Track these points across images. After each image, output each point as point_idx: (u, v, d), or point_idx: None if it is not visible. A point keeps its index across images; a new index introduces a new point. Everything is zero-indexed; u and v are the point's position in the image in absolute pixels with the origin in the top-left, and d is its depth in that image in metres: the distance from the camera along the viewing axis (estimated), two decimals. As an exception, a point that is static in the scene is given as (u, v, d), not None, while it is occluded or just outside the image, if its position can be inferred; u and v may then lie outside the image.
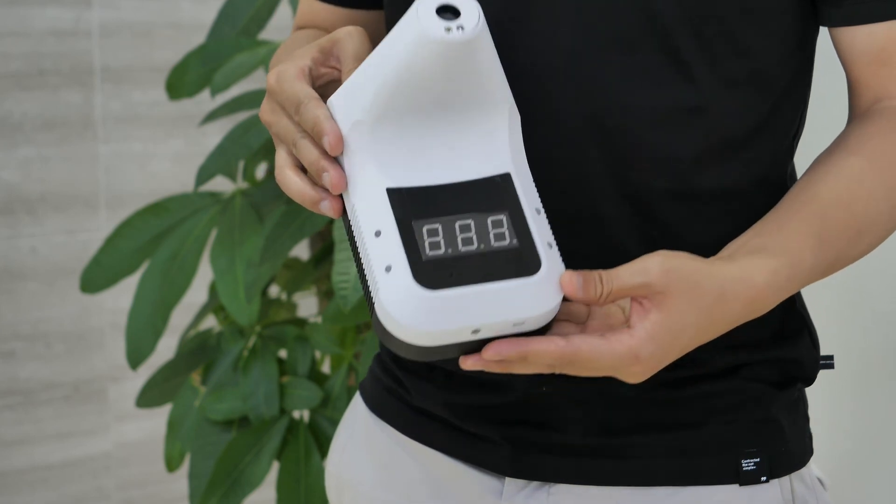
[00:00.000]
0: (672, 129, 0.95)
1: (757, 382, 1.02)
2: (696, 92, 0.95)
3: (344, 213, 0.89)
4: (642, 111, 0.95)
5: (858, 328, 2.12)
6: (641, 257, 0.85)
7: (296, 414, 1.87)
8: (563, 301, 0.86)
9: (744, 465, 1.00)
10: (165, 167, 2.54)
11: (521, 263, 0.83)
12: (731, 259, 0.89)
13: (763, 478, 1.00)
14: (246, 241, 1.83)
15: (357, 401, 1.16)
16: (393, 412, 1.11)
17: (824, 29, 1.01)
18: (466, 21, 0.83)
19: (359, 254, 0.87)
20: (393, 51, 0.85)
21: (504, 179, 0.87)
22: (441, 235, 0.84)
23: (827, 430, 1.92)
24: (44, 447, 2.49)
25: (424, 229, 0.84)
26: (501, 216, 0.85)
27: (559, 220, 0.91)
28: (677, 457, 1.00)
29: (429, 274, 0.82)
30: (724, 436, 1.01)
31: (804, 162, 0.99)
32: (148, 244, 1.90)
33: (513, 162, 0.88)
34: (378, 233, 0.84)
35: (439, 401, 1.06)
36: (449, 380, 1.05)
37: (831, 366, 1.07)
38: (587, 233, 0.93)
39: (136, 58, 2.49)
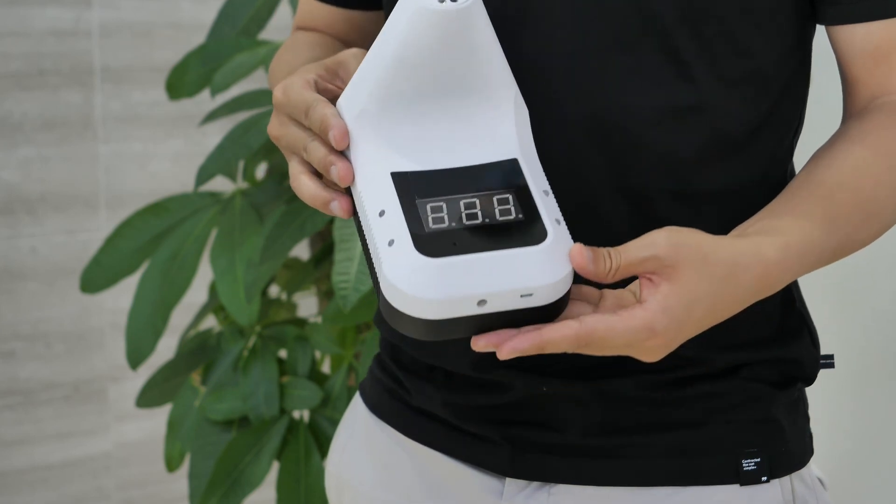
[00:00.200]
0: (672, 129, 0.95)
1: (757, 382, 1.02)
2: (696, 91, 0.95)
3: (355, 214, 0.88)
4: (642, 111, 0.95)
5: (858, 328, 2.12)
6: (649, 233, 0.85)
7: (296, 414, 1.87)
8: (574, 284, 0.85)
9: (744, 465, 1.00)
10: (165, 167, 2.54)
11: (527, 233, 0.82)
12: (742, 236, 0.89)
13: (763, 478, 1.00)
14: (246, 241, 1.83)
15: (357, 401, 1.16)
16: (393, 412, 1.11)
17: (822, 28, 1.01)
18: None
19: (366, 241, 0.86)
20: (390, 33, 0.87)
21: (511, 164, 0.86)
22: (445, 212, 0.83)
23: (827, 430, 1.92)
24: (44, 447, 2.49)
25: (428, 206, 0.83)
26: (507, 195, 0.84)
27: None
28: (677, 457, 1.00)
29: (431, 244, 0.81)
30: (725, 436, 1.00)
31: (804, 160, 0.99)
32: (148, 244, 1.89)
33: (520, 149, 0.87)
34: (382, 212, 0.84)
35: (439, 401, 1.06)
36: (449, 380, 1.05)
37: (831, 365, 1.07)
38: (587, 232, 0.93)
39: (136, 58, 2.49)
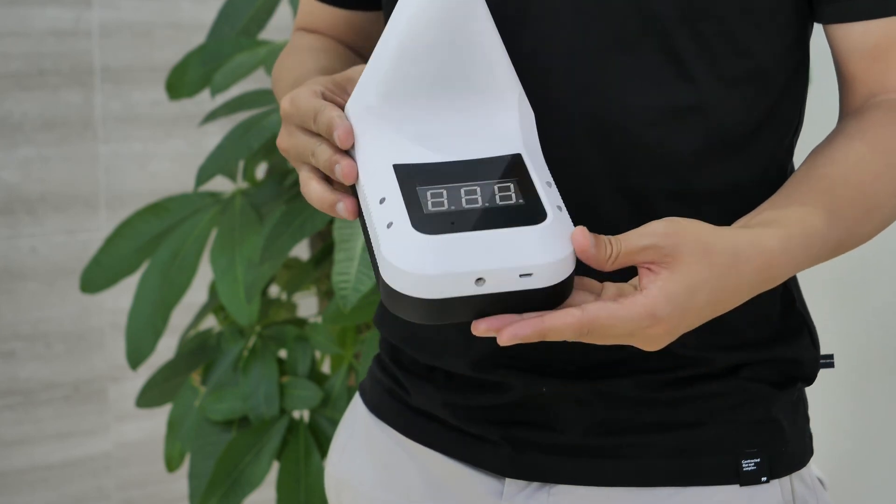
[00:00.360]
0: (671, 129, 0.95)
1: (757, 382, 1.01)
2: (695, 91, 0.95)
3: (360, 213, 0.89)
4: (642, 110, 0.95)
5: (858, 327, 2.12)
6: (649, 223, 0.85)
7: (296, 414, 1.87)
8: (577, 276, 0.85)
9: (744, 466, 1.00)
10: (165, 167, 2.54)
11: (526, 214, 0.82)
12: (744, 227, 0.89)
13: (763, 478, 1.00)
14: (246, 241, 1.83)
15: (357, 401, 1.16)
16: (393, 413, 1.11)
17: (821, 28, 1.01)
18: None
19: (368, 233, 0.86)
20: (393, 28, 0.88)
21: (515, 158, 0.86)
22: (445, 197, 0.83)
23: (827, 430, 1.92)
24: (44, 447, 2.49)
25: (428, 192, 0.83)
26: (509, 183, 0.84)
27: None
28: (677, 457, 1.00)
29: (429, 223, 0.81)
30: (725, 436, 1.00)
31: (803, 159, 0.99)
32: (148, 244, 1.89)
33: (524, 145, 0.88)
34: (382, 200, 0.84)
35: (439, 401, 1.06)
36: (449, 380, 1.05)
37: (831, 365, 1.07)
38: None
39: (136, 58, 2.49)
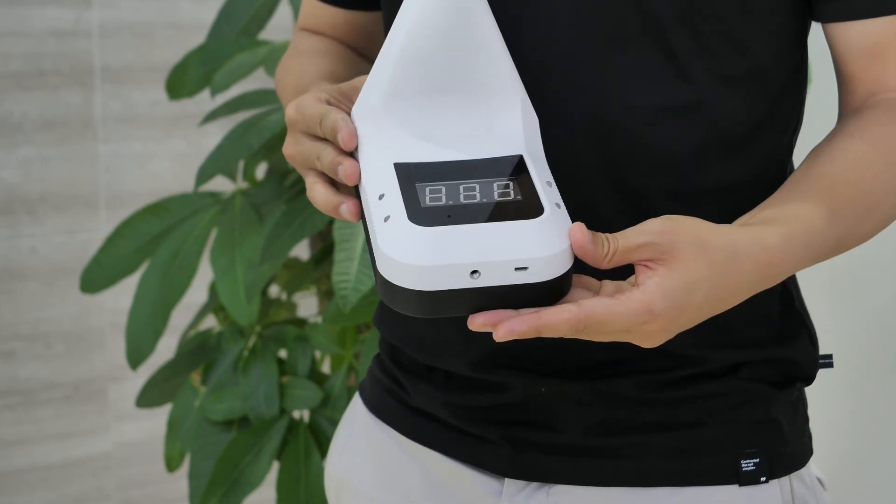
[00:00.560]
0: (670, 128, 0.95)
1: (756, 382, 1.02)
2: (695, 90, 0.95)
3: (363, 216, 0.89)
4: (639, 109, 0.95)
5: (857, 327, 2.12)
6: (646, 220, 0.85)
7: (296, 414, 1.87)
8: (574, 274, 0.85)
9: (743, 466, 1.00)
10: (165, 167, 2.54)
11: (523, 209, 0.82)
12: (744, 225, 0.89)
13: (762, 478, 1.00)
14: (246, 241, 1.83)
15: (356, 401, 1.16)
16: (392, 413, 1.11)
17: (820, 28, 1.01)
18: None
19: (367, 230, 0.86)
20: (397, 30, 0.88)
21: (516, 159, 0.86)
22: (443, 192, 0.83)
23: (826, 430, 1.92)
24: (44, 447, 2.49)
25: (427, 188, 0.84)
26: (508, 181, 0.84)
27: None
28: (677, 457, 1.00)
29: (425, 215, 0.81)
30: (724, 436, 1.01)
31: (800, 159, 0.99)
32: (148, 244, 1.89)
33: (526, 147, 0.88)
34: (381, 196, 0.84)
35: (438, 401, 1.06)
36: (448, 380, 1.05)
37: (830, 365, 1.07)
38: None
39: (136, 58, 2.49)
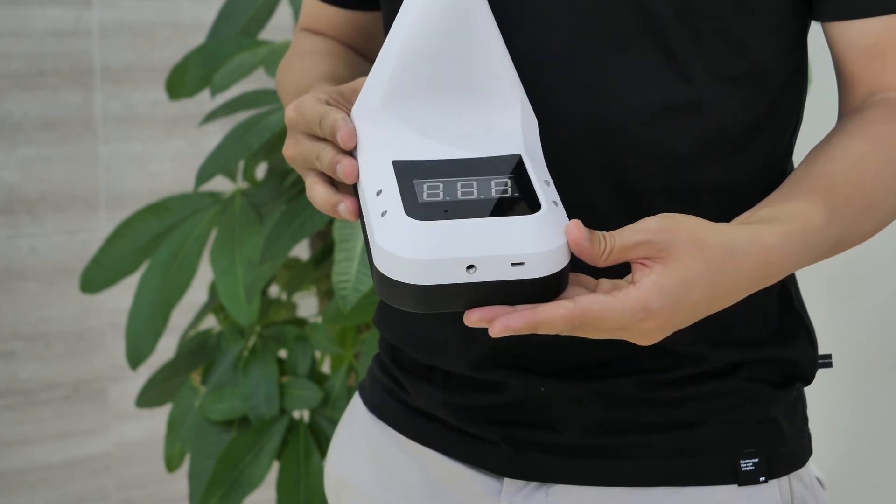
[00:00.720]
0: (669, 127, 0.95)
1: (756, 382, 1.02)
2: (694, 90, 0.95)
3: (361, 215, 0.89)
4: (639, 109, 0.95)
5: (857, 327, 2.12)
6: (643, 219, 0.85)
7: (296, 414, 1.87)
8: (571, 272, 0.85)
9: (742, 466, 1.00)
10: (165, 167, 2.54)
11: (520, 205, 0.82)
12: (742, 224, 0.89)
13: (762, 478, 1.00)
14: (246, 241, 1.83)
15: (356, 401, 1.16)
16: (392, 413, 1.11)
17: (820, 28, 1.01)
18: None
19: (365, 228, 0.87)
20: (397, 29, 0.89)
21: (514, 158, 0.87)
22: (440, 188, 0.84)
23: (826, 430, 1.92)
24: (44, 447, 2.49)
25: (424, 185, 0.84)
26: (506, 179, 0.85)
27: None
28: (676, 457, 1.00)
29: (422, 210, 0.82)
30: (723, 436, 1.01)
31: (800, 159, 0.99)
32: (148, 244, 1.90)
33: (525, 147, 0.88)
34: (379, 192, 0.84)
35: (438, 401, 1.06)
36: (448, 380, 1.05)
37: (829, 365, 1.07)
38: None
39: (136, 58, 2.49)
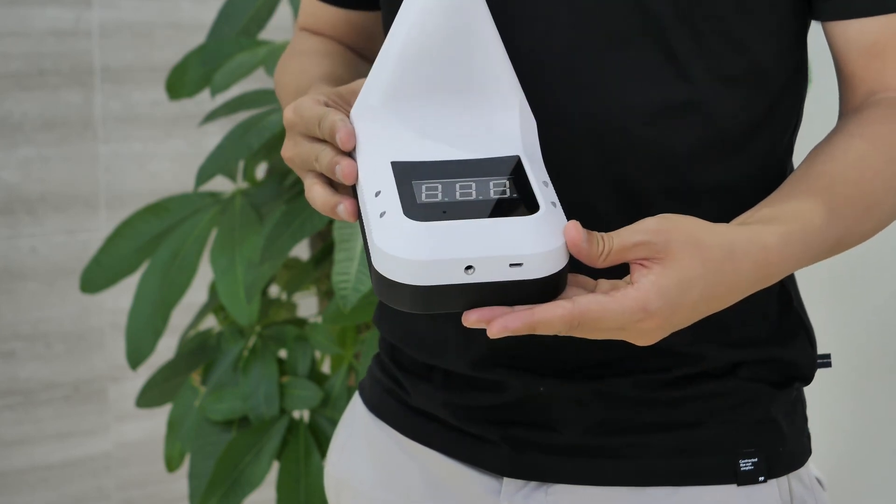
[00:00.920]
0: (669, 127, 0.95)
1: (755, 382, 1.02)
2: (693, 89, 0.95)
3: (360, 215, 0.89)
4: (639, 109, 0.95)
5: (856, 327, 2.12)
6: (642, 220, 0.85)
7: (296, 414, 1.87)
8: (570, 273, 0.85)
9: (742, 465, 1.00)
10: (165, 167, 2.55)
11: (519, 206, 0.83)
12: (742, 224, 0.89)
13: (761, 478, 1.00)
14: (246, 241, 1.83)
15: (356, 401, 1.16)
16: (392, 412, 1.11)
17: (820, 28, 1.02)
18: None
19: (363, 227, 0.87)
20: (397, 30, 0.89)
21: (513, 160, 0.87)
22: (439, 189, 0.84)
23: (825, 430, 1.92)
24: (44, 447, 2.49)
25: (423, 186, 0.84)
26: (504, 180, 0.85)
27: None
28: (675, 457, 1.00)
29: (420, 211, 0.82)
30: (722, 436, 1.01)
31: (800, 159, 0.99)
32: (148, 244, 1.90)
33: (523, 148, 0.88)
34: (378, 193, 0.84)
35: (438, 401, 1.06)
36: (448, 380, 1.05)
37: (829, 364, 1.07)
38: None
39: (136, 58, 2.49)
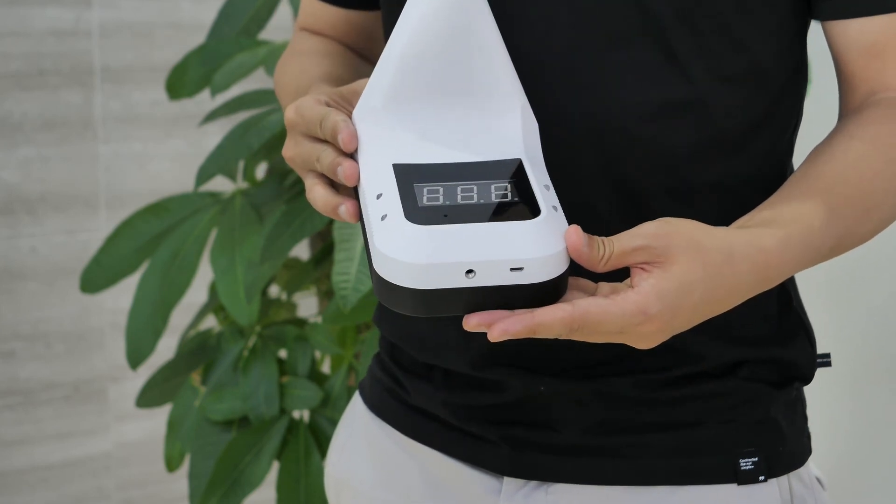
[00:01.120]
0: (669, 126, 0.95)
1: (755, 382, 1.02)
2: (693, 88, 0.95)
3: (361, 217, 0.89)
4: (639, 108, 0.95)
5: (856, 327, 2.12)
6: (641, 224, 0.85)
7: (296, 414, 1.87)
8: (571, 276, 0.85)
9: (742, 465, 1.00)
10: (165, 167, 2.55)
11: (520, 210, 0.83)
12: (741, 227, 0.89)
13: (761, 477, 1.00)
14: (246, 241, 1.83)
15: (356, 400, 1.16)
16: (392, 412, 1.11)
17: (819, 27, 1.02)
18: None
19: (364, 229, 0.87)
20: (399, 32, 0.89)
21: (514, 163, 0.87)
22: (440, 193, 0.84)
23: (825, 430, 1.92)
24: (44, 447, 2.50)
25: (425, 189, 0.84)
26: (506, 183, 0.85)
27: None
28: (675, 456, 1.00)
29: (422, 214, 0.82)
30: (722, 435, 1.01)
31: (800, 159, 0.99)
32: (148, 244, 1.90)
33: (525, 151, 0.88)
34: (379, 195, 0.84)
35: (438, 401, 1.06)
36: (448, 379, 1.05)
37: (828, 364, 1.07)
38: (581, 228, 0.93)
39: (136, 58, 2.49)
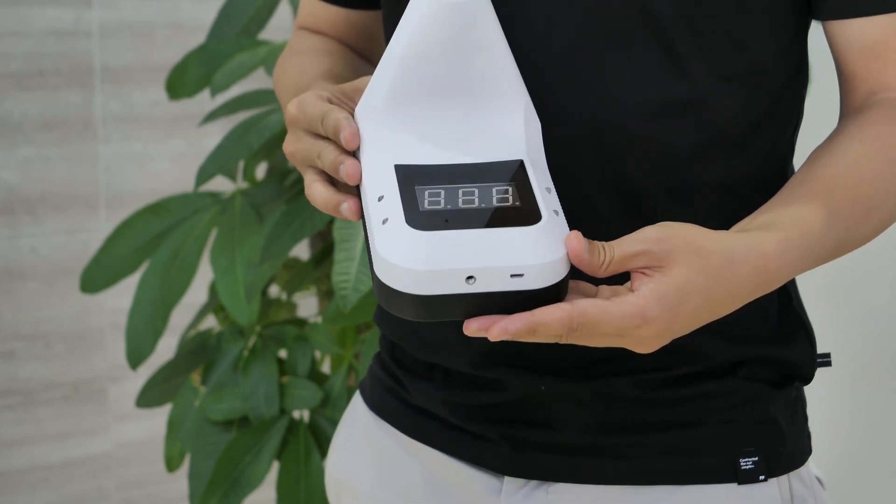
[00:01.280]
0: (669, 126, 0.95)
1: (755, 382, 1.02)
2: (693, 88, 0.95)
3: (362, 215, 0.89)
4: (639, 108, 0.95)
5: (856, 327, 2.12)
6: (642, 228, 0.85)
7: (296, 414, 1.87)
8: (571, 280, 0.85)
9: (742, 465, 1.00)
10: (165, 167, 2.55)
11: (521, 215, 0.83)
12: (741, 231, 0.89)
13: (761, 477, 1.00)
14: (246, 241, 1.83)
15: (357, 400, 1.16)
16: (392, 411, 1.11)
17: (819, 27, 1.02)
18: None
19: (366, 232, 0.87)
20: (401, 32, 0.88)
21: (516, 164, 0.87)
22: (442, 196, 0.84)
23: (825, 429, 1.92)
24: (44, 447, 2.49)
25: (426, 192, 0.84)
26: (507, 186, 0.85)
27: None
28: (675, 456, 1.00)
29: (423, 219, 0.82)
30: (723, 435, 1.01)
31: (801, 159, 0.99)
32: (148, 244, 1.90)
33: (527, 152, 0.88)
34: (381, 198, 0.84)
35: (438, 400, 1.06)
36: (448, 379, 1.05)
37: (829, 363, 1.07)
38: (584, 230, 0.93)
39: (136, 58, 2.49)
